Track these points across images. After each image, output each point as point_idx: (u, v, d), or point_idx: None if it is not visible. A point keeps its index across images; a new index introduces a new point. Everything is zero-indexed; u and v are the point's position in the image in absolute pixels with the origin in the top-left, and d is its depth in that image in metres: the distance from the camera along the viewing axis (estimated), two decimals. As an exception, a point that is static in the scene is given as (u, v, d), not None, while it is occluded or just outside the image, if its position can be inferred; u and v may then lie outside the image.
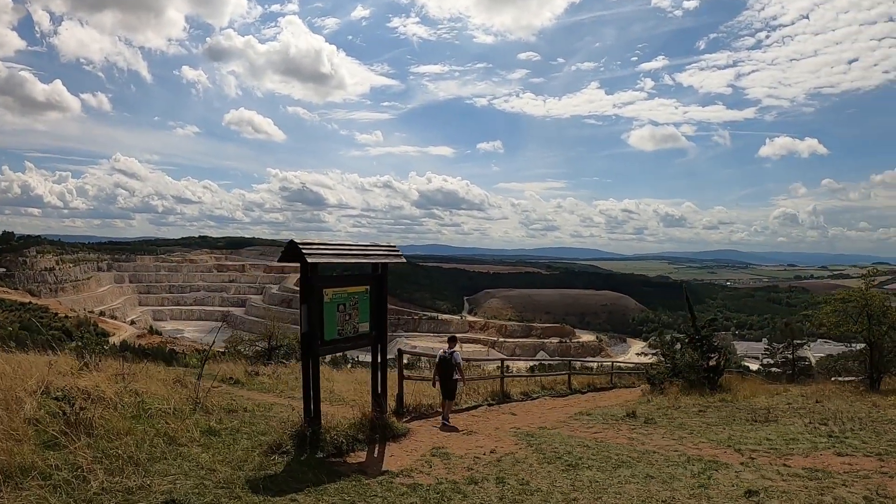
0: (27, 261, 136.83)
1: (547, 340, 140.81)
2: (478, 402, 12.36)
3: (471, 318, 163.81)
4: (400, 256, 7.90)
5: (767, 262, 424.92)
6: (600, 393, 17.07)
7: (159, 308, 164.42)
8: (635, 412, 11.13)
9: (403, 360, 11.15)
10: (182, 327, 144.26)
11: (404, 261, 8.02)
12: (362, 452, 6.88)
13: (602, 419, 10.73)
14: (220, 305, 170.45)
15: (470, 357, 17.46)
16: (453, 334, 11.31)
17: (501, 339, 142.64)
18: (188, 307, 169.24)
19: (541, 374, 19.74)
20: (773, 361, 29.65)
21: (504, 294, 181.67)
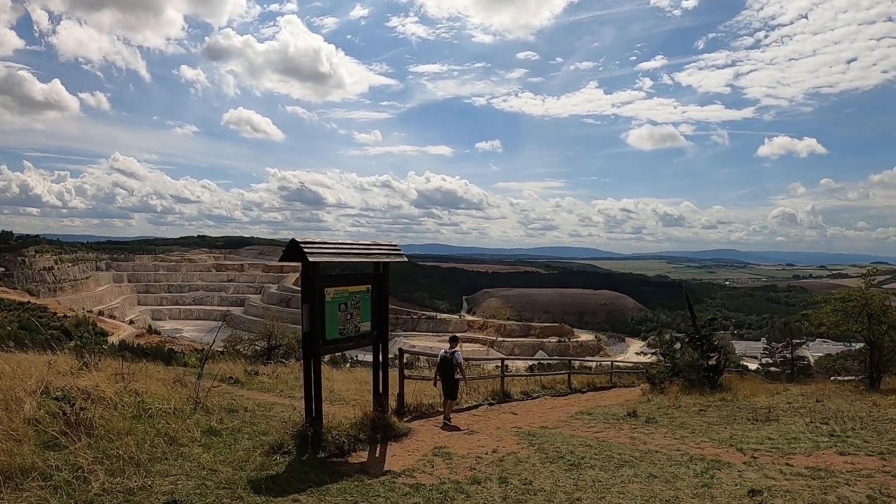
0: (26, 260, 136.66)
1: (546, 340, 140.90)
2: (478, 402, 12.35)
3: (469, 317, 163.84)
4: (401, 255, 7.86)
5: (766, 262, 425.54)
6: (600, 392, 17.06)
7: (158, 307, 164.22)
8: (636, 411, 11.12)
9: (401, 359, 11.10)
10: (181, 327, 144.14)
11: (406, 260, 7.99)
12: (364, 452, 6.85)
13: (603, 418, 10.72)
14: (218, 305, 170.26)
15: (470, 356, 17.42)
16: (454, 334, 11.28)
17: (500, 339, 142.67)
18: (187, 307, 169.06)
19: (540, 374, 19.71)
20: (771, 361, 29.57)
21: (502, 293, 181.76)
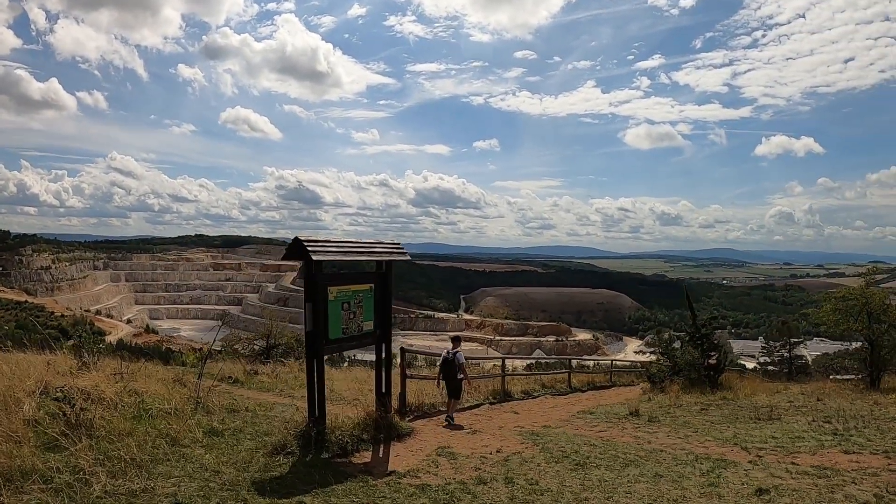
0: (23, 259, 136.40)
1: (543, 339, 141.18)
2: (479, 401, 12.32)
3: (467, 316, 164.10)
4: (405, 254, 7.80)
5: (763, 261, 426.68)
6: (600, 391, 17.06)
7: (155, 307, 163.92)
8: (638, 410, 11.10)
9: (403, 358, 11.04)
10: (178, 326, 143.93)
11: (409, 258, 7.93)
12: (367, 452, 6.79)
13: (605, 418, 10.68)
14: (216, 304, 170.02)
15: (469, 356, 17.38)
16: (457, 334, 11.23)
17: (498, 338, 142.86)
18: (184, 306, 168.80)
19: (541, 373, 19.67)
20: (769, 360, 29.61)
21: (500, 292, 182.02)
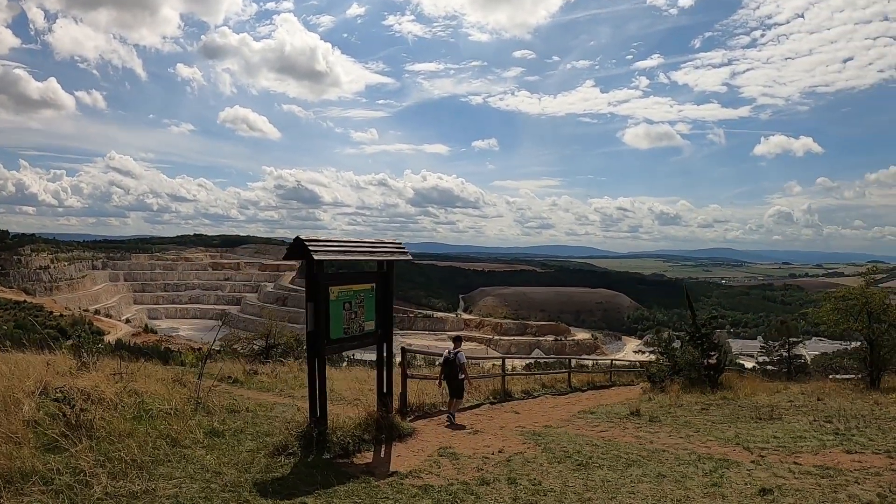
0: (22, 259, 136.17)
1: (542, 338, 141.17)
2: (480, 401, 12.29)
3: (466, 316, 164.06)
4: (406, 254, 7.76)
5: (762, 261, 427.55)
6: (600, 391, 17.03)
7: (154, 306, 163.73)
8: (639, 410, 11.08)
9: (404, 358, 11.01)
10: (177, 326, 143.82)
11: (410, 258, 7.89)
12: (369, 453, 6.75)
13: (606, 417, 10.66)
14: (215, 304, 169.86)
15: (470, 355, 17.35)
16: (458, 334, 11.21)
17: (497, 337, 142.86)
18: (183, 305, 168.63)
19: (541, 373, 19.65)
20: (768, 359, 29.63)
21: (499, 292, 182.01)
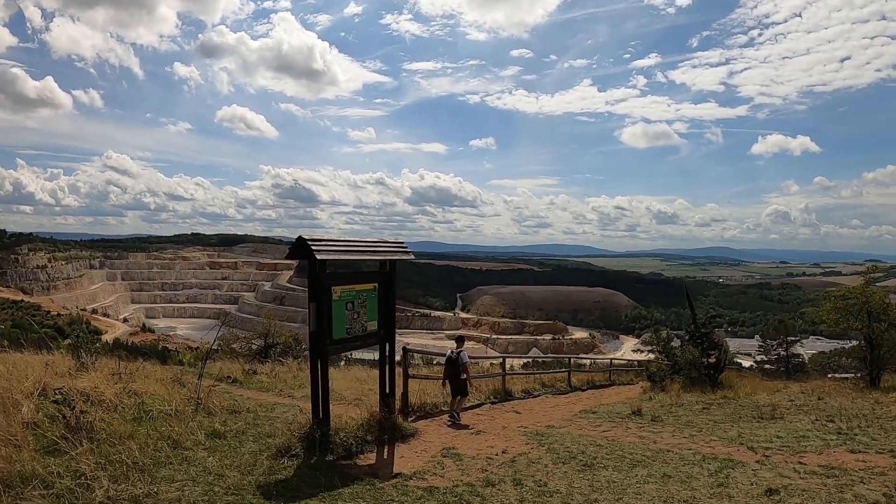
0: (19, 258, 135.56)
1: (540, 337, 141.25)
2: (481, 401, 12.25)
3: (464, 314, 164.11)
4: (408, 253, 7.70)
5: (760, 260, 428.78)
6: (600, 390, 17.02)
7: (152, 305, 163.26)
8: (640, 410, 11.07)
9: (405, 358, 10.96)
10: (174, 325, 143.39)
11: (413, 257, 7.83)
12: (372, 454, 6.69)
13: (608, 417, 10.63)
14: (212, 303, 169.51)
15: (470, 355, 17.31)
16: (461, 334, 11.20)
17: (494, 336, 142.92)
18: (181, 305, 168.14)
19: (540, 372, 19.64)
20: (766, 358, 29.71)
21: (497, 291, 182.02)
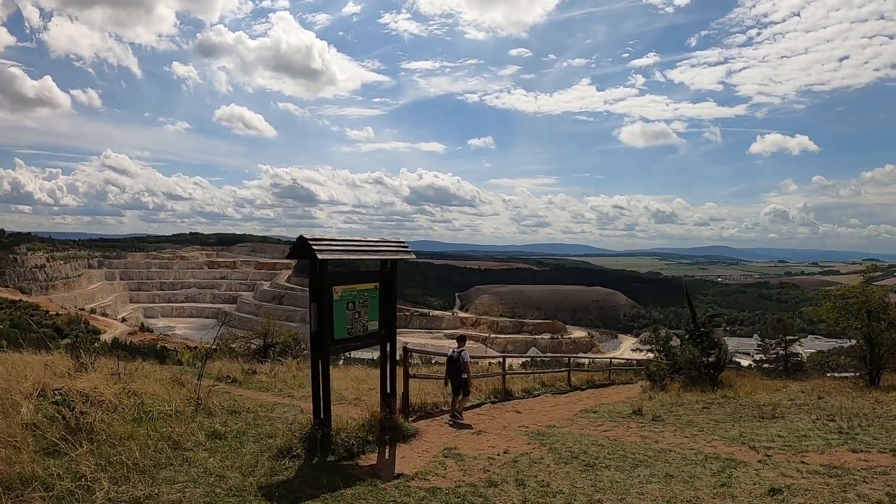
0: (17, 258, 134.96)
1: (538, 336, 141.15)
2: (481, 400, 12.22)
3: (462, 314, 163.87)
4: (410, 253, 7.66)
5: (758, 259, 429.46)
6: (600, 390, 17.01)
7: (150, 305, 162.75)
8: (641, 409, 11.07)
9: (406, 358, 10.93)
10: (173, 324, 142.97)
11: (414, 257, 7.80)
12: (373, 455, 6.66)
13: (609, 417, 10.61)
14: (211, 302, 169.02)
15: (471, 354, 17.31)
16: (462, 334, 11.17)
17: (493, 336, 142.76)
18: (179, 304, 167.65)
19: (540, 371, 19.62)
20: (765, 357, 29.75)
21: (495, 290, 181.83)
